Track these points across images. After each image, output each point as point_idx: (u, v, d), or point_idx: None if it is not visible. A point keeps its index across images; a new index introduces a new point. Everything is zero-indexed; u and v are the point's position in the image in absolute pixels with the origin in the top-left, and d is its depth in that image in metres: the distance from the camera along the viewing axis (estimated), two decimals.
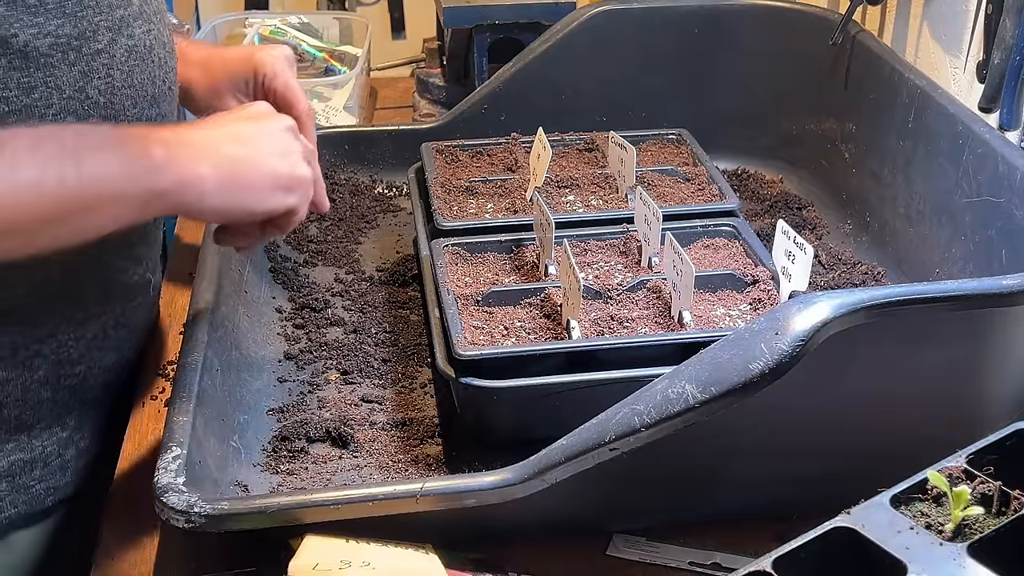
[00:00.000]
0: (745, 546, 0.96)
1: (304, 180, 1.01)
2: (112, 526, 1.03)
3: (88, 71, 0.99)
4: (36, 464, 1.07)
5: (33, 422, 1.06)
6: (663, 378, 0.88)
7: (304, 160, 1.02)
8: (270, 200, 0.99)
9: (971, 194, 1.19)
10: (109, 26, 1.01)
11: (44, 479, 1.08)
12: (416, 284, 1.33)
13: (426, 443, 1.09)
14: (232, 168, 0.96)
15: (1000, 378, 0.98)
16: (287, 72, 1.21)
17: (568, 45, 1.53)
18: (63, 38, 0.97)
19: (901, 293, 0.88)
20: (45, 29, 0.95)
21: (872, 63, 1.40)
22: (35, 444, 1.07)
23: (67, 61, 0.97)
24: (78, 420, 1.10)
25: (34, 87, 0.95)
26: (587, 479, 0.89)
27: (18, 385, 1.04)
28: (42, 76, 0.96)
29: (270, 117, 1.03)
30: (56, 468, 1.09)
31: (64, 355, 1.06)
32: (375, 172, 1.54)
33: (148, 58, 1.05)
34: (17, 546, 1.10)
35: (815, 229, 1.42)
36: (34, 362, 1.04)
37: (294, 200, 1.00)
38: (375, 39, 1.93)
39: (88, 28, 0.99)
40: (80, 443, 1.11)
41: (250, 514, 0.89)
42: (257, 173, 0.98)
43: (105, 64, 1.00)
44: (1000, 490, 0.73)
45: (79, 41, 0.98)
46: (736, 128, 1.56)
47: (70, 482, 1.11)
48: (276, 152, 1.00)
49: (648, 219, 1.20)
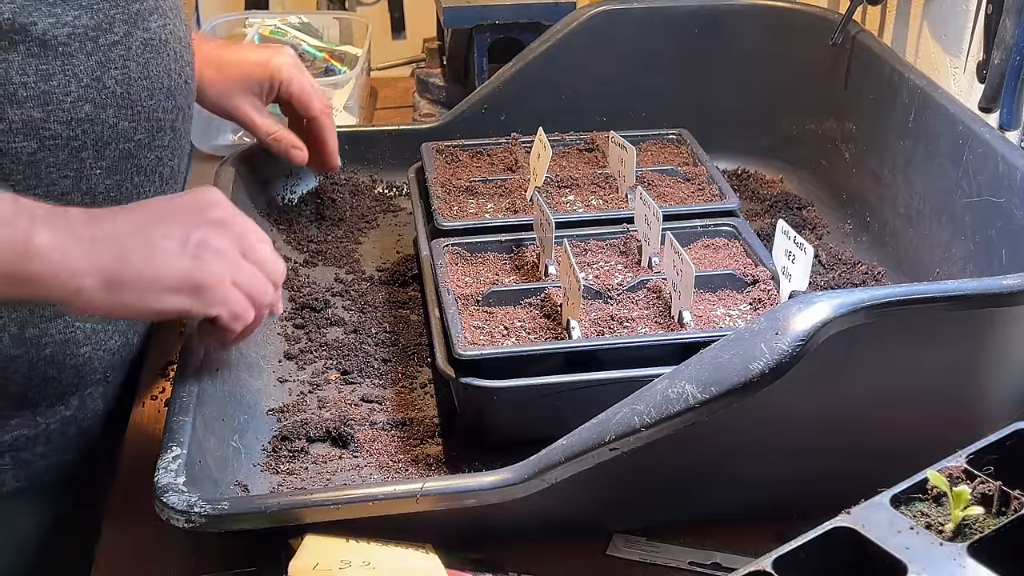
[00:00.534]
0: (745, 546, 0.96)
1: (207, 284, 0.94)
2: (113, 525, 1.03)
3: (105, 61, 1.01)
4: (39, 440, 1.09)
5: (38, 399, 1.07)
6: (663, 378, 0.88)
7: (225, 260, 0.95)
8: (159, 302, 0.93)
9: (971, 194, 1.19)
10: (125, 19, 1.02)
11: (47, 455, 1.09)
12: (416, 284, 1.33)
13: (426, 443, 1.09)
14: (119, 266, 0.90)
15: (1000, 378, 0.98)
16: (301, 77, 1.29)
17: (568, 45, 1.53)
18: (80, 28, 0.99)
19: (901, 293, 0.88)
20: (63, 19, 0.97)
21: (872, 63, 1.40)
22: (39, 421, 1.08)
23: (84, 51, 0.99)
24: (80, 400, 1.11)
25: (52, 74, 0.97)
26: (587, 479, 0.89)
27: (25, 362, 1.05)
28: (60, 64, 0.98)
29: (200, 209, 0.97)
30: (59, 446, 1.10)
31: (70, 335, 1.07)
32: (375, 172, 1.54)
33: (164, 51, 1.07)
34: (19, 526, 1.11)
35: (815, 229, 1.42)
36: (41, 340, 1.05)
37: (190, 303, 0.94)
38: (375, 39, 1.93)
39: (104, 20, 1.01)
40: (83, 423, 1.12)
41: (250, 514, 0.89)
42: (147, 272, 0.92)
43: (121, 55, 1.02)
44: (1000, 490, 0.73)
45: (96, 32, 1.00)
46: (736, 128, 1.56)
47: (71, 460, 1.12)
48: (178, 250, 0.93)
49: (648, 219, 1.20)
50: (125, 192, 1.06)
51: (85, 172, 1.02)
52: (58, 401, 1.09)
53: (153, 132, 1.07)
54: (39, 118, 0.97)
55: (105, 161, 1.03)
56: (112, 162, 1.04)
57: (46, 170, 0.99)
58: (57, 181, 1.00)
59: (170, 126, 1.10)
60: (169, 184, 1.13)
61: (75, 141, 1.00)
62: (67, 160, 1.00)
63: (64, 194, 1.01)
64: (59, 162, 1.00)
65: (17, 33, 0.95)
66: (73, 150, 1.01)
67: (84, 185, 1.02)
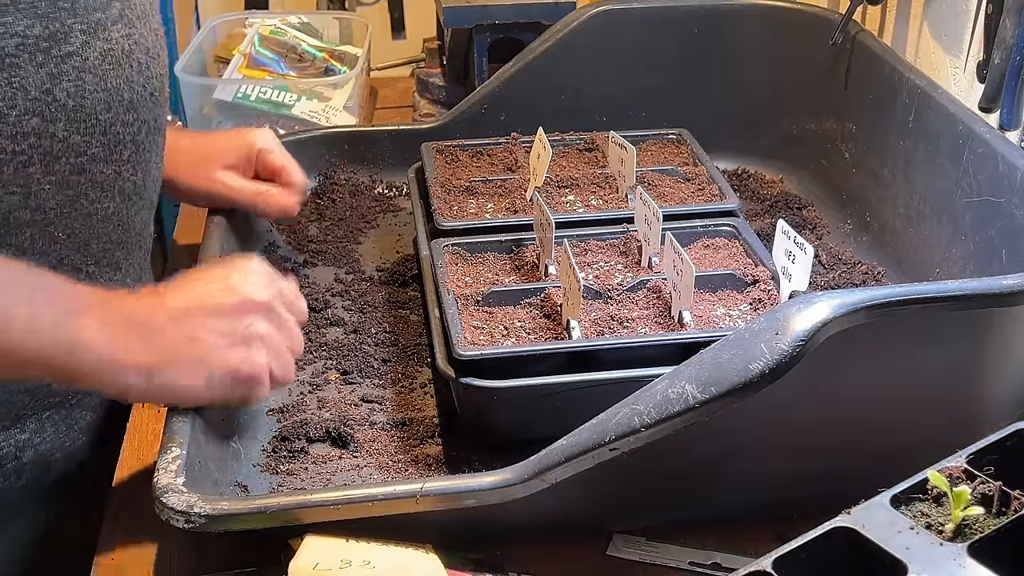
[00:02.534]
0: (745, 546, 0.96)
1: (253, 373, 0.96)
2: (113, 525, 1.03)
3: (57, 73, 0.98)
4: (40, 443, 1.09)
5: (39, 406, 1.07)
6: (663, 378, 0.88)
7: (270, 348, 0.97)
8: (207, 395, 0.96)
9: (971, 194, 1.19)
10: (84, 28, 0.99)
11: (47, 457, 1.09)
12: (416, 284, 1.33)
13: (426, 443, 1.09)
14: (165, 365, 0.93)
15: (1000, 378, 0.98)
16: (283, 148, 1.29)
17: (568, 45, 1.53)
18: (31, 39, 0.95)
19: (901, 293, 0.88)
20: (13, 29, 0.94)
21: (872, 63, 1.40)
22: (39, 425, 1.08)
23: (34, 62, 0.96)
24: (80, 403, 1.10)
25: None
26: (587, 479, 0.89)
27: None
28: (6, 76, 0.94)
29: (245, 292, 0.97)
30: (58, 448, 1.10)
31: None
32: (375, 172, 1.54)
33: (126, 62, 1.04)
34: (19, 527, 1.11)
35: (815, 229, 1.42)
36: None
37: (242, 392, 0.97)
38: (375, 39, 1.93)
39: (60, 30, 0.97)
40: (83, 425, 1.11)
41: (250, 514, 0.89)
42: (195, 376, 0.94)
43: (76, 67, 0.99)
44: (1000, 490, 0.73)
45: (48, 43, 0.97)
46: (736, 128, 1.56)
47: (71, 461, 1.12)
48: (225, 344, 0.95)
49: (648, 219, 1.20)
50: (80, 208, 1.03)
51: (33, 188, 0.99)
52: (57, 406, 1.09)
53: (110, 146, 1.04)
54: None
55: (55, 176, 1.00)
56: (62, 177, 1.01)
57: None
58: (3, 197, 0.97)
59: (131, 140, 1.06)
60: (132, 200, 1.09)
61: (21, 156, 0.97)
62: (13, 176, 0.97)
63: (11, 211, 0.98)
64: (4, 178, 0.97)
65: None
66: (19, 165, 0.97)
67: (33, 202, 0.99)
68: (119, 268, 1.11)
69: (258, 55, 1.81)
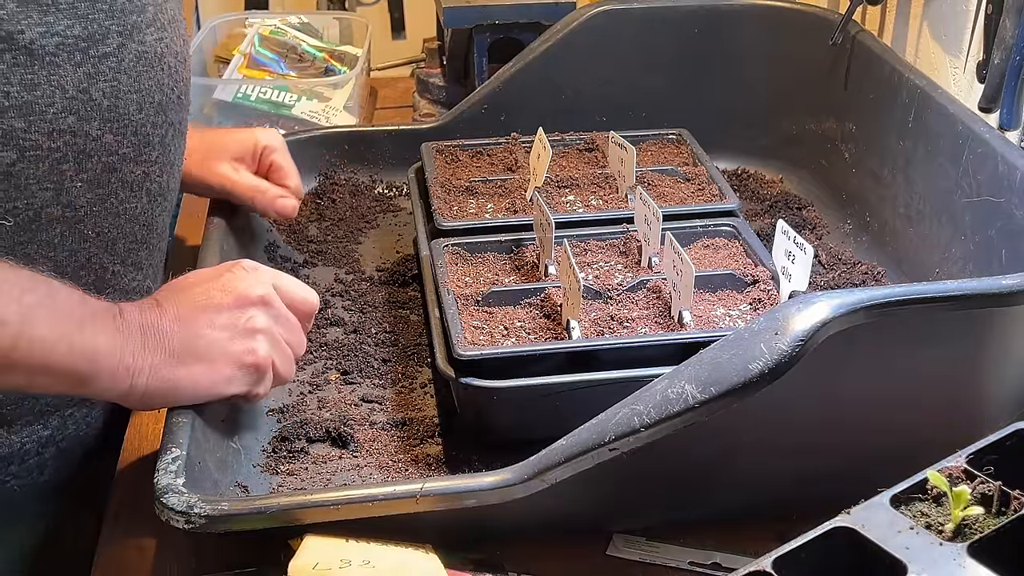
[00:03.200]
0: (745, 546, 0.96)
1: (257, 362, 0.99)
2: (113, 526, 1.03)
3: (94, 73, 0.99)
4: (40, 446, 1.08)
5: (13, 418, 1.06)
6: (663, 378, 0.88)
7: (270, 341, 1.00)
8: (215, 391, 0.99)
9: (971, 194, 1.19)
10: (120, 31, 1.01)
11: (47, 459, 1.09)
12: (416, 284, 1.33)
13: (426, 443, 1.09)
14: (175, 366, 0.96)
15: (1000, 378, 0.98)
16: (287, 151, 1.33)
17: (568, 45, 1.53)
18: (71, 39, 0.97)
19: (901, 293, 0.88)
20: (54, 29, 0.96)
21: (872, 63, 1.40)
22: (38, 428, 1.07)
23: (73, 62, 0.98)
24: (79, 408, 1.10)
25: (37, 84, 0.96)
26: (587, 479, 0.89)
27: None
28: (46, 74, 0.96)
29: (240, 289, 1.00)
30: (59, 450, 1.09)
31: None
32: (375, 172, 1.54)
33: (158, 65, 1.06)
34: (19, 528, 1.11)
35: (815, 229, 1.42)
36: None
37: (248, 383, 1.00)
38: (375, 39, 1.93)
39: (98, 31, 0.99)
40: (82, 427, 1.11)
41: (250, 514, 0.89)
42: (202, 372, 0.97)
43: (112, 68, 1.01)
44: (1000, 490, 0.73)
45: (87, 43, 0.98)
46: (736, 128, 1.56)
47: (71, 462, 1.11)
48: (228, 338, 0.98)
49: (648, 219, 1.20)
50: (109, 207, 1.04)
51: (65, 185, 1.00)
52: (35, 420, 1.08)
53: (140, 147, 1.06)
54: (20, 128, 0.96)
55: (87, 174, 1.01)
56: (94, 175, 1.02)
57: (25, 181, 0.97)
58: (37, 193, 0.99)
59: (159, 141, 1.08)
60: (157, 201, 1.11)
61: (56, 153, 0.99)
62: (47, 172, 0.99)
63: (44, 207, 0.99)
64: (39, 174, 0.98)
65: (3, 41, 0.93)
66: (54, 162, 0.99)
67: (64, 198, 1.00)
68: (141, 268, 1.12)
69: (258, 55, 1.81)
